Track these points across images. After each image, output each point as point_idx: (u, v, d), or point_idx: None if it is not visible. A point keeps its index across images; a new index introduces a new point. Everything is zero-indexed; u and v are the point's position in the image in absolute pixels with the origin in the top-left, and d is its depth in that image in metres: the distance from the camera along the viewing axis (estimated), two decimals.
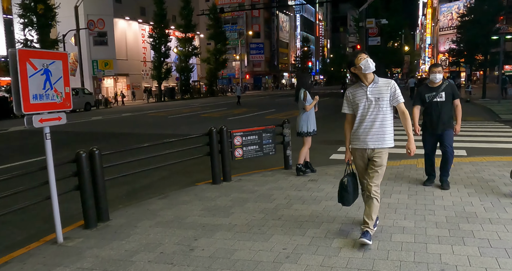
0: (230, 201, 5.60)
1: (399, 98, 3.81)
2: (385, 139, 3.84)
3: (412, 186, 5.95)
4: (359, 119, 3.89)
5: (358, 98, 3.90)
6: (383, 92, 3.80)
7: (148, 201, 5.86)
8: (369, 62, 3.72)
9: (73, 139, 13.93)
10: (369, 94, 3.83)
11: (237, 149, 6.88)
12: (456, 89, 5.86)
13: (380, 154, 3.86)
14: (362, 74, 3.80)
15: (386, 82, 3.80)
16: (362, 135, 3.88)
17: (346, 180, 4.03)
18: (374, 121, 3.82)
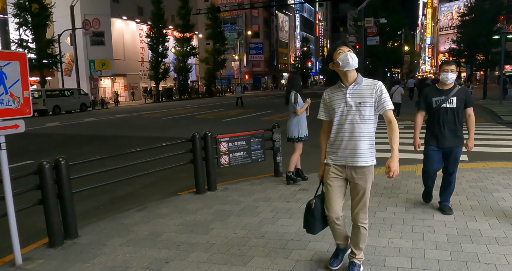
0: (212, 214, 5.15)
1: (385, 104, 3.07)
2: (368, 154, 3.12)
3: (410, 197, 5.50)
4: (336, 128, 3.19)
5: (335, 102, 3.19)
6: (366, 96, 3.09)
7: (124, 213, 5.42)
8: (350, 57, 3.02)
9: (58, 143, 13.49)
10: (348, 97, 3.12)
11: (223, 155, 6.44)
12: (470, 95, 4.75)
13: (362, 175, 3.14)
14: (342, 72, 3.11)
15: (371, 84, 3.09)
16: (340, 149, 3.17)
17: (314, 203, 3.28)
18: (353, 131, 3.10)
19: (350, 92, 3.13)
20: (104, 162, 6.41)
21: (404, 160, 8.31)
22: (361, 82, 3.14)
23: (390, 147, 3.08)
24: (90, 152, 10.97)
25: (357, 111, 3.09)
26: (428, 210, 4.89)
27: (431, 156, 4.80)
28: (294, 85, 6.55)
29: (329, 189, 3.22)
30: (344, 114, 3.14)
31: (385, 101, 3.08)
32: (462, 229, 4.22)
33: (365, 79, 3.15)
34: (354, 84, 3.14)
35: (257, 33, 76.75)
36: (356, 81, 3.14)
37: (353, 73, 3.14)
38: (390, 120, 3.11)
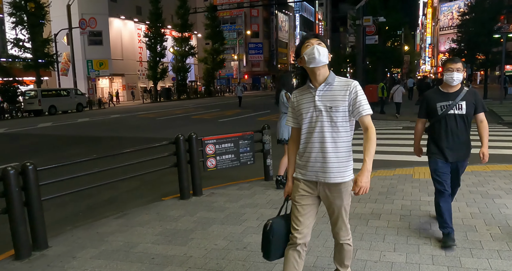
0: (193, 222, 4.82)
1: (361, 109, 2.57)
2: (343, 168, 2.62)
3: (406, 203, 5.16)
4: (305, 137, 2.70)
5: (303, 106, 2.70)
6: (338, 99, 2.59)
7: (102, 220, 5.09)
8: (317, 50, 2.54)
9: (47, 144, 13.16)
10: (317, 100, 2.62)
11: (210, 158, 6.10)
12: (481, 98, 3.97)
13: (338, 193, 2.65)
14: (309, 69, 2.63)
15: (344, 84, 2.60)
16: (310, 162, 2.66)
17: (271, 224, 2.71)
18: (324, 141, 2.60)
19: (320, 95, 2.63)
20: (84, 166, 6.07)
21: (401, 163, 7.99)
22: (333, 82, 2.63)
23: (363, 159, 2.55)
24: (78, 154, 10.63)
25: (328, 118, 2.60)
26: (425, 219, 4.55)
27: (441, 170, 3.93)
28: (285, 84, 6.21)
29: (298, 208, 2.68)
30: (313, 121, 2.64)
31: (361, 105, 2.58)
32: (461, 240, 3.88)
33: (338, 79, 2.65)
34: (324, 84, 2.63)
35: (257, 33, 76.38)
36: (327, 81, 2.62)
37: (323, 71, 2.63)
38: (367, 128, 2.60)
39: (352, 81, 2.64)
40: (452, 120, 3.86)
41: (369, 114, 2.60)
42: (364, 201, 5.32)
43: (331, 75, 2.64)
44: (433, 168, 3.99)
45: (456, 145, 3.87)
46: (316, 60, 2.55)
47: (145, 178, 7.07)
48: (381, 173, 7.02)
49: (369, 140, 2.58)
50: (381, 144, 10.37)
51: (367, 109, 2.59)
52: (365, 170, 2.53)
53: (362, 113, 2.57)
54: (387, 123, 15.60)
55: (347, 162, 2.64)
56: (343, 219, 2.74)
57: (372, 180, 6.47)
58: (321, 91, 2.63)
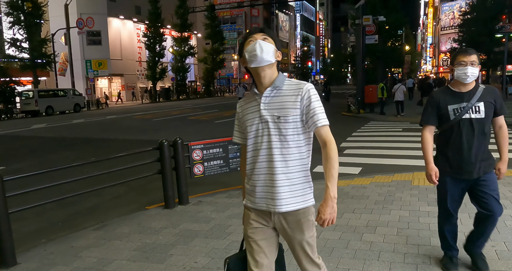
0: (175, 235, 4.48)
1: (316, 118, 2.10)
2: (299, 193, 2.13)
3: (404, 214, 4.81)
4: (251, 155, 2.21)
5: (248, 117, 2.22)
6: (288, 106, 2.11)
7: (80, 232, 4.77)
8: (259, 47, 2.09)
9: (37, 147, 12.84)
10: (263, 109, 2.15)
11: (197, 164, 5.77)
12: (500, 97, 3.22)
13: (296, 224, 2.15)
14: (252, 70, 2.17)
15: (295, 88, 2.13)
16: (258, 186, 2.18)
17: (228, 263, 2.29)
18: (272, 160, 2.11)
19: (266, 102, 2.15)
20: (65, 172, 5.75)
21: (400, 167, 7.65)
22: (282, 86, 2.15)
23: (326, 179, 2.07)
24: (67, 157, 10.33)
25: (276, 130, 2.11)
26: (424, 233, 4.21)
27: (450, 190, 3.24)
28: None
29: (252, 245, 2.20)
30: (259, 135, 2.16)
31: (315, 114, 2.09)
32: (464, 258, 3.54)
33: (289, 81, 2.18)
34: (271, 88, 2.15)
35: None
36: (274, 84, 2.15)
37: (268, 73, 2.15)
38: (325, 143, 2.11)
39: (304, 84, 2.14)
40: (468, 126, 3.09)
41: (325, 125, 2.12)
42: (359, 211, 4.99)
43: (279, 77, 2.16)
44: (441, 188, 3.29)
45: (473, 157, 3.09)
46: (257, 59, 2.09)
47: (132, 184, 6.74)
48: (379, 179, 6.68)
49: (328, 159, 2.08)
50: (379, 147, 10.04)
51: (322, 120, 2.11)
52: (328, 198, 2.02)
53: (317, 124, 2.09)
54: (387, 124, 15.27)
55: (303, 184, 2.15)
56: (309, 256, 2.21)
57: (368, 187, 6.15)
58: (267, 98, 2.15)
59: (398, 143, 10.58)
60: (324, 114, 2.12)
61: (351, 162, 8.52)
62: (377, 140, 11.23)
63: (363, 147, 10.29)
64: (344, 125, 15.61)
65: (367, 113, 19.75)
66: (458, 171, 3.15)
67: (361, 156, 9.13)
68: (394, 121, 16.20)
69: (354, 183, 6.50)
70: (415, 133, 12.27)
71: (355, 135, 12.50)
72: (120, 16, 45.89)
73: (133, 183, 6.45)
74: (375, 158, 8.88)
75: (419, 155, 8.97)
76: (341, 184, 6.40)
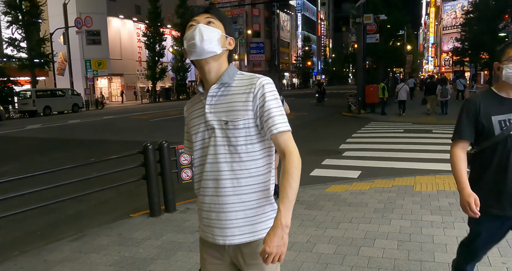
0: (157, 247, 4.14)
1: (270, 123, 1.63)
2: (256, 219, 1.69)
3: (405, 225, 4.45)
4: (198, 172, 1.77)
5: (193, 122, 1.79)
6: (237, 108, 1.66)
7: (56, 244, 4.42)
8: (199, 33, 1.63)
9: (27, 148, 12.51)
10: (208, 112, 1.71)
11: (185, 169, 5.43)
12: None
13: (255, 259, 1.70)
14: (196, 64, 1.72)
15: (248, 83, 1.67)
16: (204, 210, 1.74)
17: None
18: (219, 178, 1.67)
19: (212, 102, 1.70)
20: (51, 177, 5.41)
21: (401, 171, 7.30)
22: (231, 82, 1.69)
23: (280, 201, 1.57)
24: (56, 159, 10.00)
25: (224, 139, 1.66)
26: (427, 246, 3.85)
27: (488, 231, 2.43)
28: None
29: None
30: (205, 146, 1.71)
31: (270, 117, 1.62)
32: None
33: (240, 75, 1.72)
34: (217, 86, 1.70)
35: (258, 32, 75.71)
36: (221, 80, 1.69)
37: (214, 66, 1.70)
38: (284, 153, 1.62)
39: (258, 78, 1.67)
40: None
41: (284, 132, 1.63)
42: (357, 220, 4.63)
43: (228, 71, 1.71)
44: (475, 227, 2.50)
45: None
46: (197, 49, 1.63)
47: (120, 188, 6.39)
48: (379, 184, 6.33)
49: (285, 174, 1.59)
50: (380, 149, 9.69)
51: (280, 124, 1.62)
52: (278, 226, 1.51)
53: (273, 130, 1.61)
54: (388, 125, 14.90)
55: (263, 207, 1.69)
56: None
57: (368, 193, 5.79)
58: (213, 97, 1.70)
59: (399, 145, 10.22)
60: (283, 116, 1.64)
61: (350, 165, 8.17)
62: (378, 142, 10.87)
63: (363, 148, 9.93)
64: (344, 126, 15.27)
65: (368, 113, 19.41)
66: (502, 205, 2.33)
67: (360, 158, 8.78)
68: (395, 122, 15.83)
69: (352, 188, 6.15)
70: (417, 135, 11.92)
71: (355, 136, 12.14)
72: (120, 16, 45.64)
73: (122, 187, 6.12)
74: (375, 160, 8.53)
75: (421, 158, 8.68)
76: (339, 190, 6.06)
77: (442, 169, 7.46)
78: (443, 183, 6.21)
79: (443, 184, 6.15)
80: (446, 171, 7.29)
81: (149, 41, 43.36)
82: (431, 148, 9.65)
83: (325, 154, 9.37)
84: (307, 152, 9.61)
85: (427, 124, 14.87)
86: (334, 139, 11.59)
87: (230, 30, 1.75)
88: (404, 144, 10.36)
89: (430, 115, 17.59)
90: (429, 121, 15.52)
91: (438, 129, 13.19)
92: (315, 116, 19.56)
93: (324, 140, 11.61)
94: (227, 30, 1.73)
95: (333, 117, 19.33)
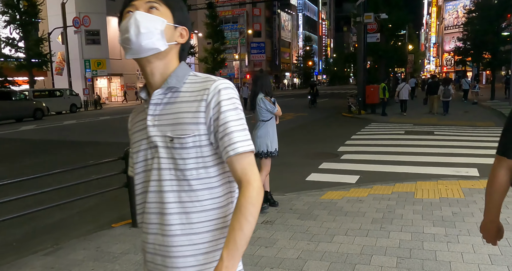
0: (135, 263, 3.81)
1: (227, 141, 1.24)
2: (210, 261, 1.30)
3: (405, 238, 4.11)
4: (140, 202, 1.40)
5: (135, 137, 1.41)
6: (186, 120, 1.27)
7: (28, 258, 4.09)
8: (134, 24, 1.25)
9: (16, 150, 12.19)
10: (150, 124, 1.32)
11: None
12: None
13: None
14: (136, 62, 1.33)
15: (200, 88, 1.29)
16: (149, 250, 1.35)
17: None
18: (164, 211, 1.28)
19: (156, 113, 1.32)
20: (36, 181, 5.09)
21: (402, 175, 6.95)
22: (180, 86, 1.31)
23: (222, 251, 1.20)
24: (45, 162, 9.67)
25: (171, 161, 1.28)
26: (429, 264, 3.51)
27: None
28: (263, 86, 5.22)
29: None
30: (148, 168, 1.34)
31: (227, 134, 1.24)
32: None
33: (194, 77, 1.34)
34: (162, 91, 1.32)
35: (259, 32, 75.45)
36: (167, 83, 1.31)
37: (158, 66, 1.32)
38: (240, 182, 1.24)
39: (213, 82, 1.28)
40: None
41: (245, 153, 1.24)
42: (353, 232, 4.29)
43: (177, 72, 1.32)
44: None
45: None
46: (132, 45, 1.26)
47: (105, 195, 6.06)
48: (377, 190, 5.99)
49: (238, 212, 1.20)
50: (380, 152, 9.34)
51: (239, 143, 1.23)
52: None
53: (229, 151, 1.23)
54: (389, 126, 14.55)
55: (217, 252, 1.30)
56: None
57: (366, 201, 5.46)
58: (158, 106, 1.32)
59: (400, 147, 9.86)
60: (244, 133, 1.26)
61: (348, 169, 7.83)
62: (378, 144, 10.52)
63: (362, 151, 9.59)
64: (343, 127, 14.93)
65: (368, 114, 19.08)
66: None
67: (359, 162, 8.43)
68: (396, 123, 15.47)
69: (349, 195, 5.80)
70: (418, 137, 11.57)
71: (354, 138, 11.79)
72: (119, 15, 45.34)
73: (107, 193, 5.79)
74: (375, 164, 8.18)
75: (422, 161, 8.32)
76: (335, 197, 5.72)
77: (444, 174, 7.13)
78: (445, 189, 5.87)
79: (446, 191, 5.81)
80: (448, 175, 6.98)
81: None
82: (433, 151, 9.30)
83: (323, 157, 9.02)
84: (304, 155, 9.27)
85: (428, 125, 14.52)
86: (333, 140, 11.25)
87: (181, 17, 1.36)
88: (404, 146, 10.02)
89: (433, 115, 17.31)
90: (431, 122, 15.17)
91: (440, 130, 12.84)
92: (315, 117, 19.22)
93: (322, 142, 11.28)
94: (176, 18, 1.34)
95: (332, 118, 18.98)
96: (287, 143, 10.85)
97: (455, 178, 6.66)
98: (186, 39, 1.38)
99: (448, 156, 8.73)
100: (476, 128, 13.32)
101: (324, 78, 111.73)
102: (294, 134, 12.75)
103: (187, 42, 1.39)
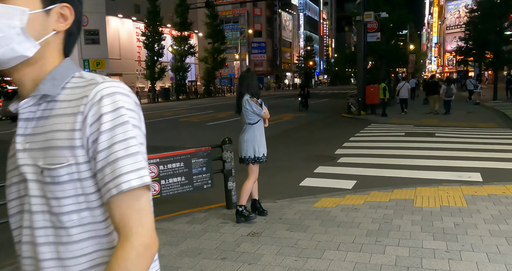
0: None
1: (108, 175, 0.88)
2: None
3: (402, 254, 3.74)
4: (17, 251, 0.99)
5: (8, 163, 1.01)
6: (59, 142, 0.91)
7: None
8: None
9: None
10: (19, 148, 0.95)
11: (152, 182, 4.73)
12: None
13: None
14: None
15: (80, 95, 0.92)
16: None
17: None
18: (40, 269, 0.91)
19: (27, 132, 0.96)
20: None
21: (401, 180, 6.58)
22: (56, 93, 0.95)
23: None
24: None
25: (43, 201, 0.93)
26: None
27: None
28: (249, 87, 4.84)
29: None
30: (22, 209, 0.97)
31: (109, 162, 0.88)
32: None
33: (78, 80, 0.97)
34: (34, 101, 0.96)
35: (260, 32, 75.22)
36: (38, 90, 0.94)
37: (28, 74, 0.96)
38: (119, 230, 0.89)
39: (95, 85, 0.93)
40: None
41: (132, 191, 0.88)
42: (346, 247, 3.92)
43: (54, 74, 0.96)
44: None
45: None
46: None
47: None
48: (375, 197, 5.62)
49: (109, 269, 0.87)
50: (378, 155, 8.96)
51: (127, 176, 0.88)
52: None
53: (111, 189, 0.88)
54: (389, 127, 14.16)
55: None
56: None
57: (361, 209, 5.09)
58: (30, 122, 0.97)
59: (399, 150, 9.49)
60: (134, 159, 0.89)
61: (345, 173, 7.46)
62: (376, 146, 10.15)
63: (360, 154, 9.21)
64: (342, 128, 14.56)
65: (368, 115, 18.70)
66: None
67: (357, 165, 8.06)
68: (396, 124, 15.09)
69: (344, 202, 5.44)
70: (418, 139, 11.19)
71: (352, 140, 11.41)
72: (118, 15, 45.22)
73: None
74: (373, 168, 7.81)
75: (422, 165, 7.91)
76: (329, 204, 5.36)
77: (445, 179, 6.77)
78: (447, 197, 5.50)
79: (447, 198, 5.44)
80: (449, 180, 6.62)
81: (148, 40, 42.77)
82: (434, 154, 8.92)
83: (319, 160, 8.65)
84: (300, 158, 8.90)
85: (429, 126, 14.14)
86: (330, 142, 10.88)
87: None
88: (404, 149, 9.65)
89: (434, 116, 16.96)
90: (432, 123, 14.79)
91: (441, 132, 12.45)
92: (313, 117, 18.83)
93: (319, 144, 10.90)
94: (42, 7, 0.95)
95: (332, 118, 18.59)
96: (283, 145, 10.50)
97: (457, 183, 6.29)
98: (71, 21, 0.99)
99: (450, 159, 8.36)
100: (478, 129, 12.94)
101: (325, 78, 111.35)
102: (291, 135, 12.39)
103: (74, 23, 1.00)
